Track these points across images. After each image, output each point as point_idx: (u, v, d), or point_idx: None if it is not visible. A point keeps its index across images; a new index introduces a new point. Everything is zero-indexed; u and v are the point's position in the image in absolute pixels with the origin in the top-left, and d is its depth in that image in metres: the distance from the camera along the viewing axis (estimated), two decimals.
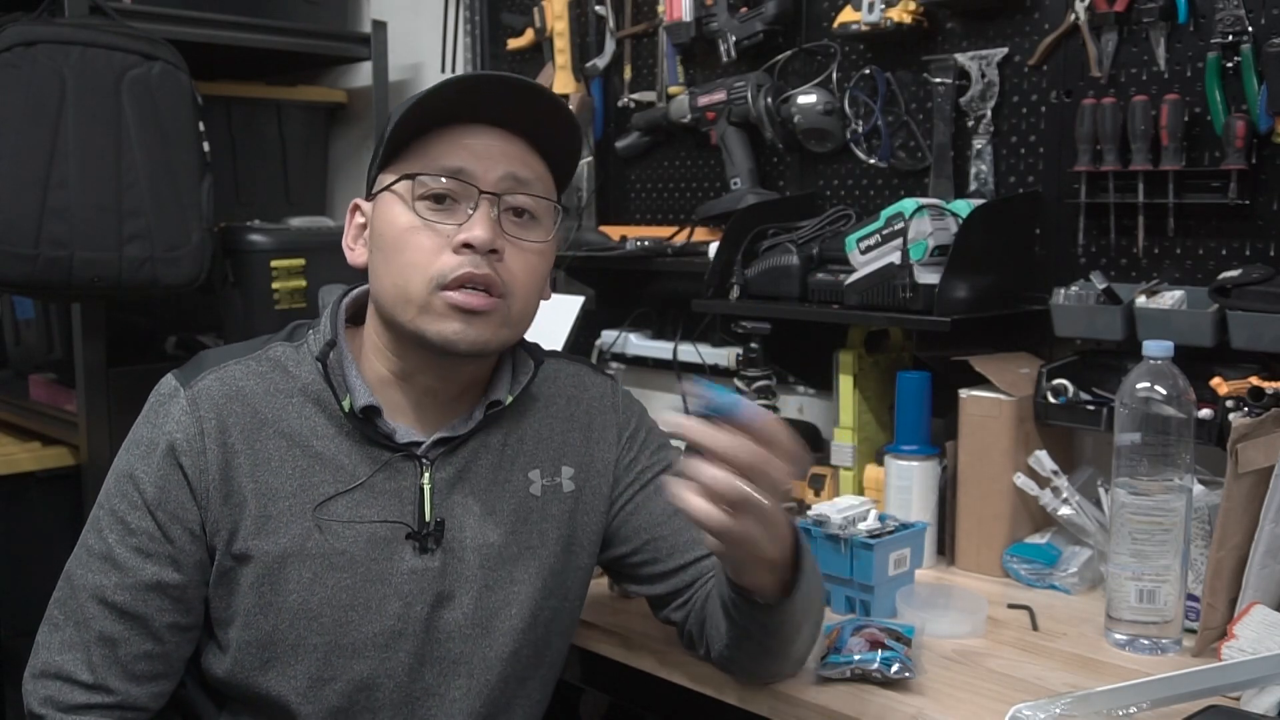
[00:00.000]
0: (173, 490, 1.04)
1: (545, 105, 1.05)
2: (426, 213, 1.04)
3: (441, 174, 1.04)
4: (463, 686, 1.10)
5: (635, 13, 2.11)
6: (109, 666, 1.04)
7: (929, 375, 1.56)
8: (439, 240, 1.03)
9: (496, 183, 1.04)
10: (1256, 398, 1.30)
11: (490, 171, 1.04)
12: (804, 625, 1.07)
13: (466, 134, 1.05)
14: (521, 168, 1.05)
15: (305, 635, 1.05)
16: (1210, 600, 1.21)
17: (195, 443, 1.04)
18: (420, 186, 1.04)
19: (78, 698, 1.04)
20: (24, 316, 2.48)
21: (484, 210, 1.03)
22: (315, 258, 2.16)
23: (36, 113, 1.84)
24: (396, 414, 1.10)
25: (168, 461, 1.04)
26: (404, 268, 1.03)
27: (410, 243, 1.03)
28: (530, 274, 1.06)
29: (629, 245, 1.96)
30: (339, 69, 2.75)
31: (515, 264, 1.05)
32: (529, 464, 1.14)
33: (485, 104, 1.04)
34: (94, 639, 1.04)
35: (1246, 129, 1.40)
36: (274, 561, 1.04)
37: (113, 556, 1.05)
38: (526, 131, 1.07)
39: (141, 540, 1.04)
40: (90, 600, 1.05)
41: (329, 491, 1.06)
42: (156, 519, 1.04)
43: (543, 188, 1.08)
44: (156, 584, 1.04)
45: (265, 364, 1.09)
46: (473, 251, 1.01)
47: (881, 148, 1.80)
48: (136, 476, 1.05)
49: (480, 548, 1.10)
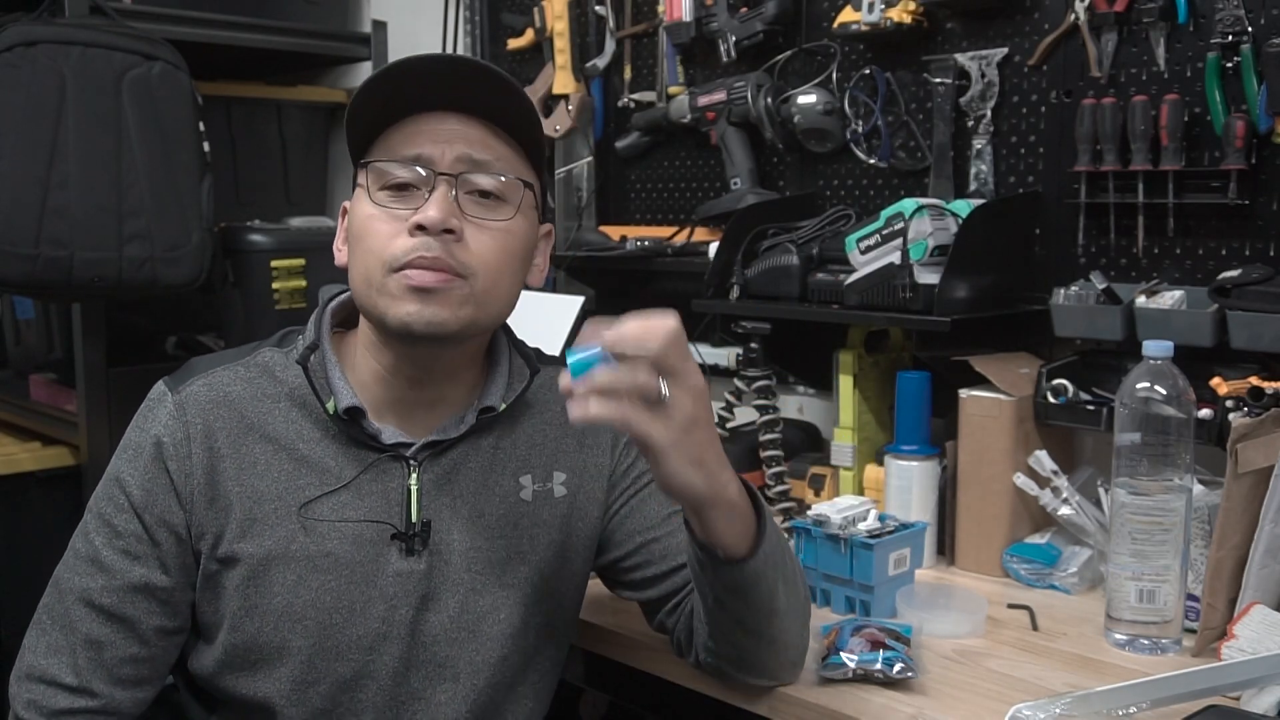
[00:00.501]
0: (158, 493, 1.05)
1: (495, 83, 1.04)
2: (386, 201, 1.04)
3: (398, 161, 1.04)
4: (449, 691, 1.09)
5: (635, 13, 2.11)
6: (94, 670, 1.04)
7: (929, 375, 1.56)
8: (396, 225, 1.03)
9: (452, 164, 1.03)
10: (1256, 398, 1.30)
11: (446, 154, 1.03)
12: (779, 605, 1.05)
13: (424, 120, 1.04)
14: (480, 149, 1.05)
15: (290, 638, 1.05)
16: (1210, 600, 1.21)
17: (181, 447, 1.05)
18: (379, 176, 1.04)
19: (61, 702, 1.04)
20: (24, 316, 2.48)
21: (440, 193, 1.02)
22: (315, 258, 2.16)
23: (36, 113, 1.84)
24: (385, 415, 1.10)
25: (154, 465, 1.05)
26: (364, 254, 1.04)
27: (370, 230, 1.04)
28: (497, 253, 1.05)
29: (629, 245, 1.96)
30: (339, 69, 2.75)
31: (477, 244, 1.03)
32: (520, 469, 1.14)
33: (437, 89, 1.04)
34: (80, 642, 1.04)
35: (1246, 129, 1.40)
36: (259, 564, 1.05)
37: (99, 559, 1.05)
38: (486, 113, 1.06)
39: (128, 543, 1.05)
40: (77, 603, 1.05)
41: (314, 493, 1.06)
42: (143, 521, 1.05)
43: (505, 167, 1.06)
44: (144, 586, 1.05)
45: (253, 369, 1.10)
46: (425, 233, 1.01)
47: (881, 148, 1.80)
48: (123, 480, 1.06)
49: (467, 551, 1.10)
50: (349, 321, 1.15)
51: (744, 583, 1.02)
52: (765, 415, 1.67)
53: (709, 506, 0.97)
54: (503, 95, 1.05)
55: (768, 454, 1.67)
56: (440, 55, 1.07)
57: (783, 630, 1.08)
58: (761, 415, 1.68)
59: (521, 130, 1.08)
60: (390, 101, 1.04)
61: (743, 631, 1.07)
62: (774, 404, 1.68)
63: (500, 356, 1.15)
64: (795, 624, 1.10)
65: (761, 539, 1.01)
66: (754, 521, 1.01)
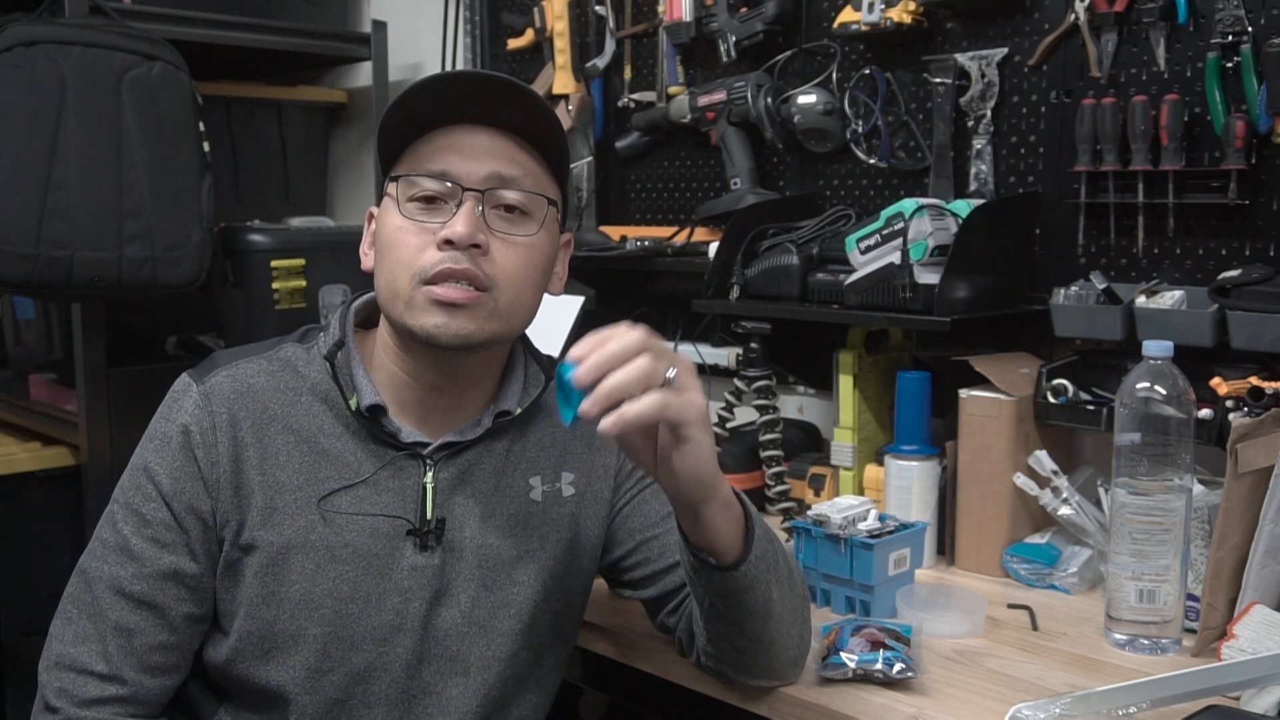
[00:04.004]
0: (187, 481, 1.06)
1: (523, 99, 1.06)
2: (415, 213, 1.06)
3: (427, 176, 1.06)
4: (460, 685, 1.11)
5: (635, 13, 2.11)
6: (125, 657, 1.06)
7: (929, 375, 1.56)
8: (425, 238, 1.05)
9: (481, 181, 1.05)
10: (1256, 398, 1.30)
11: (475, 171, 1.05)
12: (774, 609, 1.06)
13: (454, 134, 1.07)
14: (508, 165, 1.07)
15: (306, 626, 1.07)
16: (1210, 600, 1.21)
17: (208, 435, 1.07)
18: (409, 188, 1.07)
19: (92, 690, 1.05)
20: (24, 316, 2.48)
21: (467, 208, 1.04)
22: (315, 258, 2.16)
23: (36, 113, 1.84)
24: (404, 415, 1.12)
25: (183, 453, 1.07)
26: (393, 265, 1.06)
27: (398, 241, 1.06)
28: (521, 266, 1.07)
29: (629, 245, 1.96)
30: (339, 69, 2.76)
31: (503, 258, 1.06)
32: (530, 470, 1.16)
33: (468, 104, 1.06)
34: (110, 629, 1.06)
35: (1246, 129, 1.40)
36: (278, 552, 1.06)
37: (129, 548, 1.06)
38: (515, 127, 1.08)
39: (158, 530, 1.06)
40: (107, 591, 1.06)
41: (334, 485, 1.08)
42: (172, 509, 1.06)
43: (532, 182, 1.08)
44: (174, 573, 1.06)
45: (276, 363, 1.12)
46: (453, 247, 1.03)
47: (881, 148, 1.80)
48: (151, 469, 1.07)
49: (479, 549, 1.11)
50: (368, 322, 1.17)
51: (737, 588, 1.03)
52: (765, 415, 1.67)
53: (711, 498, 0.99)
54: (532, 113, 1.07)
55: (768, 454, 1.67)
56: (474, 72, 1.11)
57: (781, 632, 1.09)
58: (761, 415, 1.68)
59: (548, 146, 1.10)
60: (421, 114, 1.06)
61: (740, 635, 1.08)
62: (774, 404, 1.68)
63: (516, 363, 1.17)
64: (793, 625, 1.10)
65: (751, 542, 1.02)
66: (744, 524, 1.03)
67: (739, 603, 1.04)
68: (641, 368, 0.91)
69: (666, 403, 0.92)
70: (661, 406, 0.91)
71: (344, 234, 2.22)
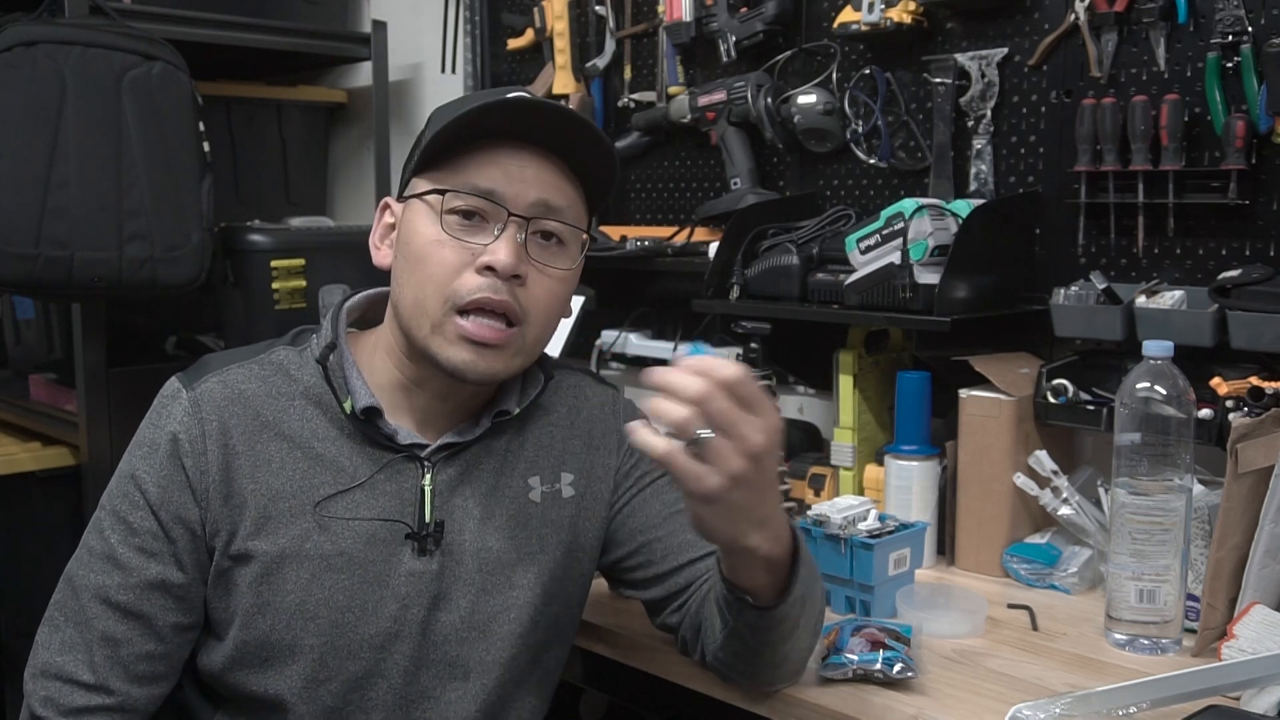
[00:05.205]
0: (174, 490, 1.05)
1: (587, 135, 1.05)
2: (453, 228, 1.03)
3: (473, 193, 1.03)
4: (459, 689, 1.10)
5: (635, 13, 2.11)
6: (111, 667, 1.04)
7: (929, 375, 1.56)
8: (462, 257, 1.03)
9: (528, 208, 1.03)
10: (1256, 398, 1.30)
11: (523, 196, 1.03)
12: (797, 633, 1.05)
13: (503, 153, 1.04)
14: (555, 194, 1.05)
15: (302, 635, 1.05)
16: (1210, 600, 1.21)
17: (197, 443, 1.05)
18: (450, 200, 1.04)
19: (78, 699, 1.04)
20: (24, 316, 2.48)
21: (510, 233, 1.02)
22: (315, 258, 2.16)
23: (36, 113, 1.84)
24: (400, 416, 1.10)
25: (171, 461, 1.05)
26: (424, 281, 1.03)
27: (433, 256, 1.03)
28: (551, 300, 1.06)
29: (629, 245, 1.96)
30: (339, 69, 2.76)
31: (537, 289, 1.05)
32: (529, 471, 1.14)
33: (527, 126, 1.04)
34: (96, 639, 1.04)
35: (1246, 129, 1.40)
36: (272, 561, 1.05)
37: (115, 557, 1.05)
38: (564, 154, 1.06)
39: (144, 540, 1.05)
40: (93, 600, 1.05)
41: (329, 490, 1.06)
42: (159, 518, 1.05)
43: (573, 215, 1.07)
44: (160, 583, 1.05)
45: (268, 367, 1.10)
46: (494, 275, 1.01)
47: (881, 148, 1.80)
48: (139, 477, 1.06)
49: (479, 551, 1.10)
50: (363, 320, 1.15)
51: (770, 623, 1.02)
52: None
53: (731, 554, 0.98)
54: (591, 146, 1.05)
55: None
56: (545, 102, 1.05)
57: (796, 649, 1.08)
58: None
59: (593, 180, 1.09)
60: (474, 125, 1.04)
61: (757, 655, 1.07)
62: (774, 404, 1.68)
63: None
64: (809, 639, 1.10)
65: (793, 586, 0.99)
66: (787, 573, 0.99)
67: (765, 635, 1.03)
68: (680, 412, 0.84)
69: (672, 461, 0.86)
70: (666, 460, 0.86)
71: (344, 234, 2.22)
